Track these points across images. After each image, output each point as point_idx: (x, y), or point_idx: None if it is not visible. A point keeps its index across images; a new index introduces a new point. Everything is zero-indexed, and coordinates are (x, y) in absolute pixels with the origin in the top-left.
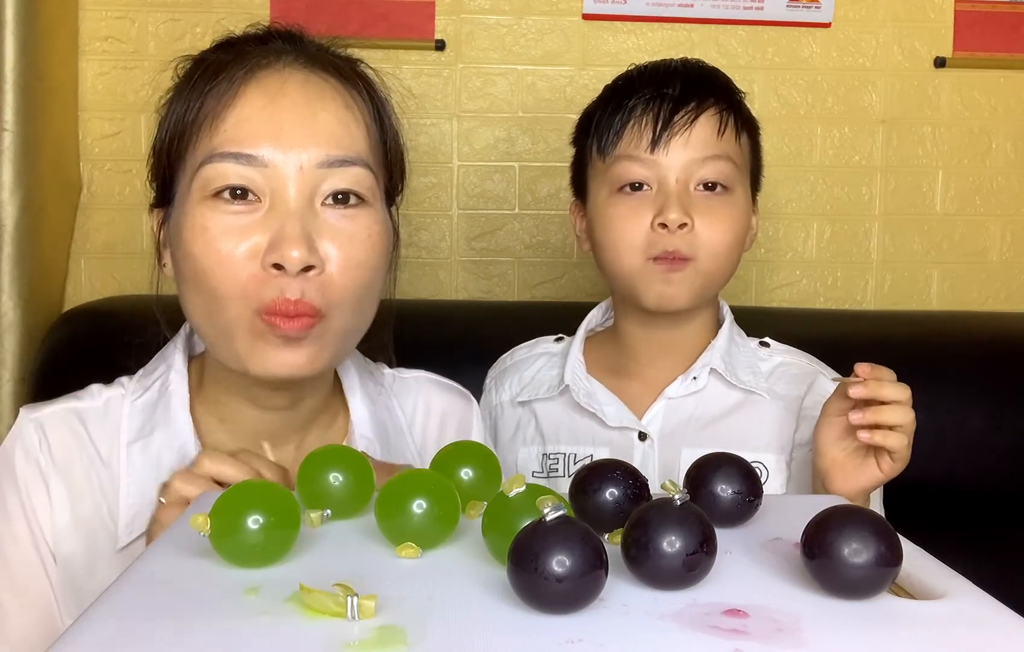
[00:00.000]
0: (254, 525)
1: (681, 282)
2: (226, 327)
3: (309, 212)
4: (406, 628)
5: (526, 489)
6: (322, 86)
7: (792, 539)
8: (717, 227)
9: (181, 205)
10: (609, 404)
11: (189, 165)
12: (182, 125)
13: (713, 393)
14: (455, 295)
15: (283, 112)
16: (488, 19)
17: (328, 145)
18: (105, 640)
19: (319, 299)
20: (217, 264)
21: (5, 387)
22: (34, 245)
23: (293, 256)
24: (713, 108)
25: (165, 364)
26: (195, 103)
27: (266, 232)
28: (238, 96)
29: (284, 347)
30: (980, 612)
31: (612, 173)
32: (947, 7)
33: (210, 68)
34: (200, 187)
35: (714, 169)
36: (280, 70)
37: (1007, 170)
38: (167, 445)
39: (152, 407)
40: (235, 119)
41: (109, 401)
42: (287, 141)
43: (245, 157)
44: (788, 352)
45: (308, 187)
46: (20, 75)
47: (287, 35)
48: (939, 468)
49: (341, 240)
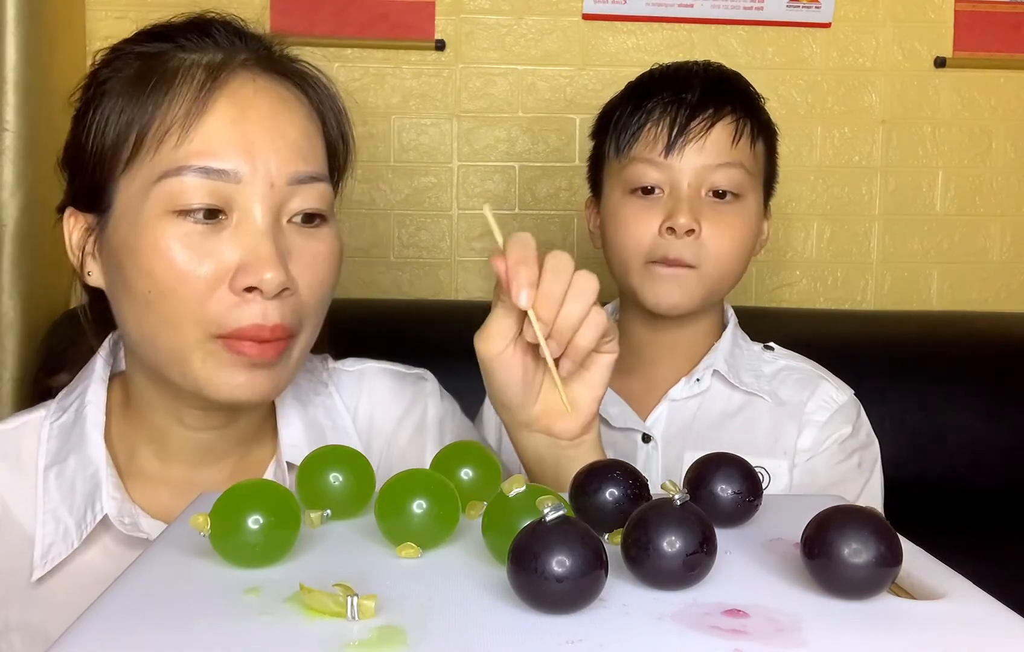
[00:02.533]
0: (254, 525)
1: (683, 287)
2: (178, 350)
3: (277, 230)
4: (406, 628)
5: (526, 489)
6: (286, 96)
7: (792, 539)
8: (724, 234)
9: (130, 218)
10: (613, 405)
11: (142, 175)
12: (131, 130)
13: (716, 395)
14: (455, 295)
15: (252, 124)
16: (488, 19)
17: (296, 161)
18: (104, 640)
19: (292, 319)
20: (179, 284)
21: (5, 387)
22: (35, 245)
23: (268, 279)
24: (730, 116)
25: (84, 383)
26: (151, 108)
27: (234, 251)
28: (208, 106)
29: (249, 370)
30: (980, 612)
31: (626, 174)
32: (947, 7)
33: (167, 71)
34: (162, 201)
35: (726, 176)
36: (250, 80)
37: (1007, 170)
38: (80, 470)
39: (68, 430)
40: (205, 131)
41: (23, 426)
42: (258, 156)
43: (216, 172)
44: (792, 357)
45: (276, 204)
46: (22, 75)
47: (229, 26)
48: (939, 468)
49: (307, 260)
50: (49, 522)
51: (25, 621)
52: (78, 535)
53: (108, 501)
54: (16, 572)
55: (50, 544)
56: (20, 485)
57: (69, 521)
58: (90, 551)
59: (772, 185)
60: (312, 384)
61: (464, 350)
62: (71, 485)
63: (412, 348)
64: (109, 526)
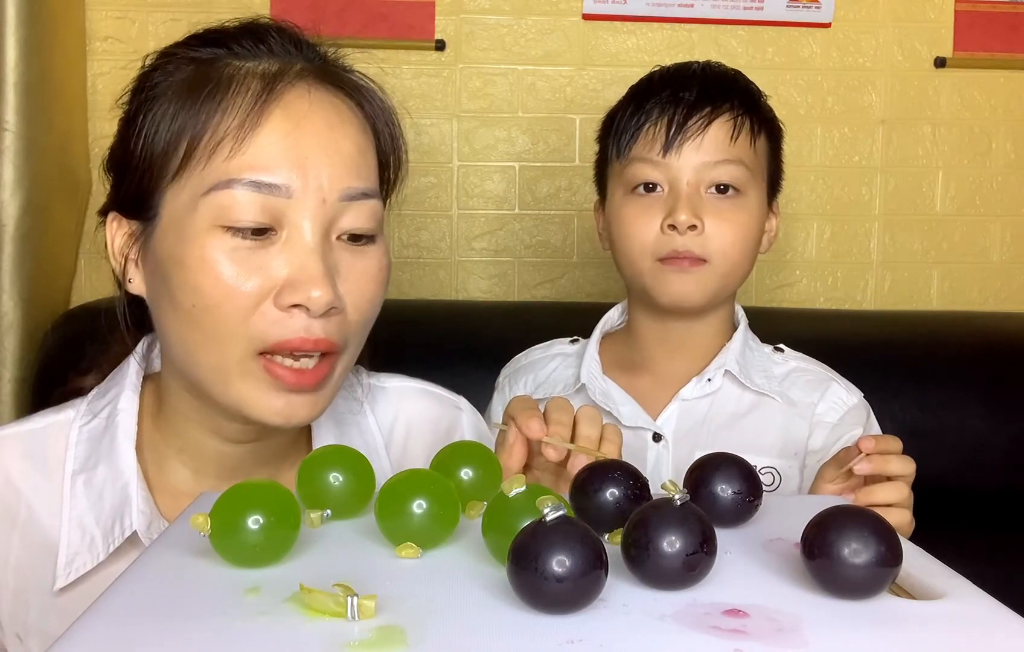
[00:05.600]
0: (254, 525)
1: (696, 281)
2: (220, 366)
3: (327, 247)
4: (406, 628)
5: (526, 489)
6: (340, 108)
7: (792, 539)
8: (727, 229)
9: (178, 229)
10: (624, 404)
11: (191, 185)
12: (181, 139)
13: (727, 396)
14: (455, 295)
15: (306, 138)
16: (488, 19)
17: (348, 176)
18: (105, 640)
19: (337, 336)
20: (226, 299)
21: (5, 387)
22: (36, 245)
23: (316, 297)
24: (728, 113)
25: (117, 388)
26: (204, 117)
27: (283, 267)
28: (262, 119)
29: (287, 394)
30: (980, 612)
31: (627, 174)
32: (947, 7)
33: (221, 78)
34: (211, 214)
35: (725, 172)
36: (305, 92)
37: (1007, 170)
38: (110, 482)
39: (99, 437)
40: (258, 144)
41: (50, 426)
42: (310, 170)
43: (267, 186)
44: (802, 359)
45: (327, 220)
46: (22, 75)
47: (284, 33)
48: (939, 468)
49: (354, 277)
50: (75, 530)
51: (43, 628)
52: (104, 549)
53: (138, 516)
54: (38, 577)
55: (75, 554)
56: (46, 488)
57: (96, 532)
58: (115, 564)
59: (778, 182)
60: (348, 403)
61: (464, 350)
62: (99, 495)
63: (412, 348)
64: (136, 541)
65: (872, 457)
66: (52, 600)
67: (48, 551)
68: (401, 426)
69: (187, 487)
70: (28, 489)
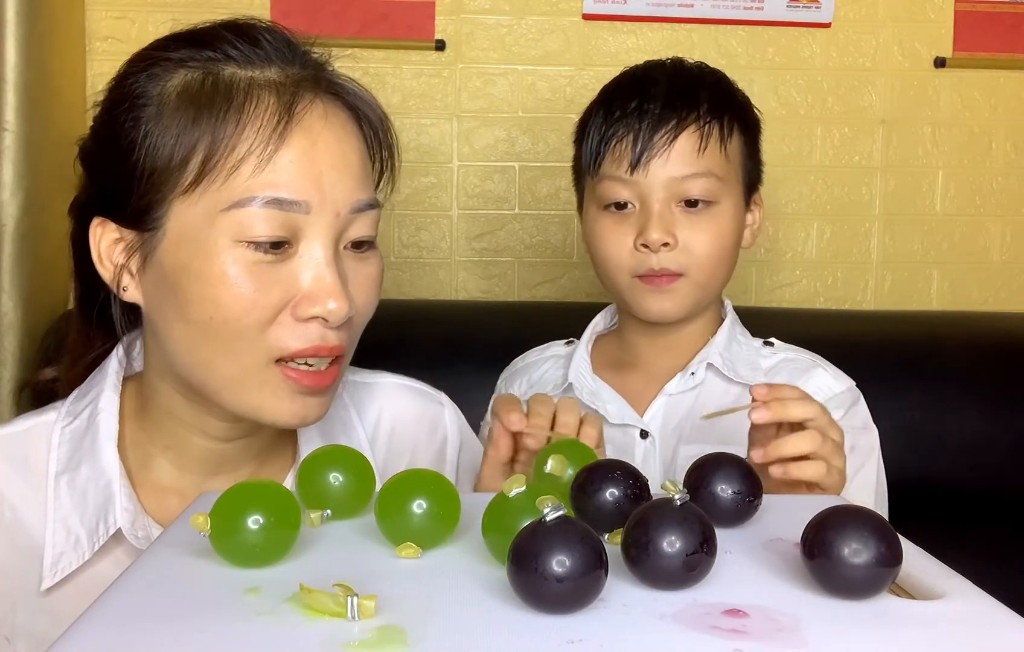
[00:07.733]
0: (254, 525)
1: (673, 298)
2: (236, 376)
3: (337, 258)
4: (406, 628)
5: (526, 489)
6: (346, 122)
7: (792, 539)
8: (702, 240)
9: (192, 244)
10: (612, 402)
11: (206, 201)
12: (194, 154)
13: (712, 390)
14: (455, 295)
15: (321, 154)
16: (488, 19)
17: (357, 189)
18: (105, 640)
19: (346, 340)
20: (245, 313)
21: (5, 387)
22: (35, 245)
23: (333, 308)
24: (694, 124)
25: (97, 389)
26: (220, 134)
27: (299, 281)
28: (284, 137)
29: (303, 396)
30: (980, 612)
31: (598, 191)
32: (947, 7)
33: (229, 91)
34: (233, 230)
35: (695, 186)
36: (319, 108)
37: (1007, 170)
38: (93, 481)
39: (80, 438)
40: (280, 162)
41: (32, 429)
42: (325, 186)
43: (288, 203)
44: (791, 350)
45: (339, 232)
46: (21, 75)
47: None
48: (939, 468)
49: (359, 282)
50: (59, 531)
51: (31, 629)
52: (90, 547)
53: (121, 514)
54: (24, 578)
55: (60, 553)
56: (29, 490)
57: (80, 531)
58: (101, 562)
59: (758, 176)
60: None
61: (463, 350)
62: (83, 494)
63: (412, 348)
64: (121, 538)
65: (769, 403)
66: (39, 601)
67: (33, 552)
68: (386, 422)
69: (172, 483)
70: (11, 492)
